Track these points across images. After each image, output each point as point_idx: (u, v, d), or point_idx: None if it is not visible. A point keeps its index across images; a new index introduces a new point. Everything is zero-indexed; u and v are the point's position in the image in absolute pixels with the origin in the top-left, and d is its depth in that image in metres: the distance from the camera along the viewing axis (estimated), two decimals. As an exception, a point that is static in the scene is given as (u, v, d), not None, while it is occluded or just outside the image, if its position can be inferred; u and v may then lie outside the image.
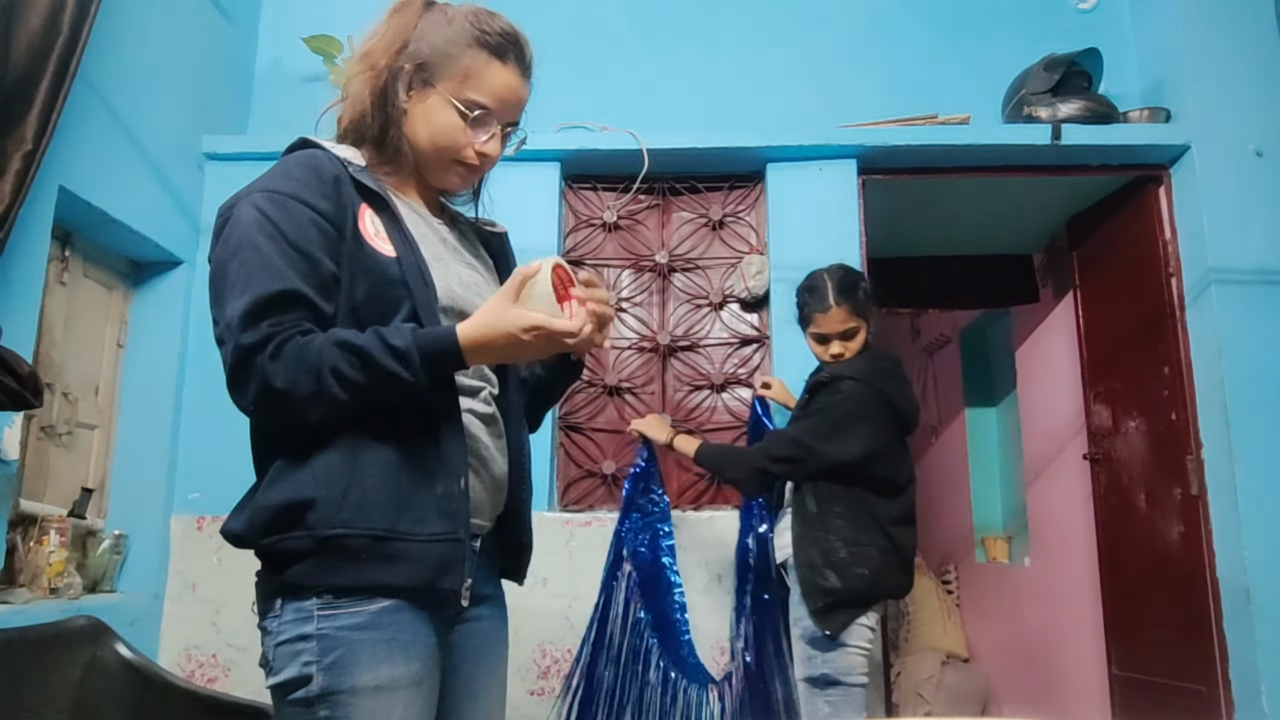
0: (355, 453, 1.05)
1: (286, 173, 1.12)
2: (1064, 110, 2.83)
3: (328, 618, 1.04)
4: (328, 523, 1.03)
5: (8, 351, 1.87)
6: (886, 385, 2.10)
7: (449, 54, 1.17)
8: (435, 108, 1.17)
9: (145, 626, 2.56)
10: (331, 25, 3.03)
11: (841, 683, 1.97)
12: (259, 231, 1.06)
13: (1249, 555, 2.56)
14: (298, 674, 1.04)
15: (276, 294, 1.02)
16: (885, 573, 2.04)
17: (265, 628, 1.08)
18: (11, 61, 1.95)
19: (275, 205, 1.08)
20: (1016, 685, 4.16)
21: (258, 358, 1.00)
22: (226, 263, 1.06)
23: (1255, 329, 2.69)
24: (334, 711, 1.03)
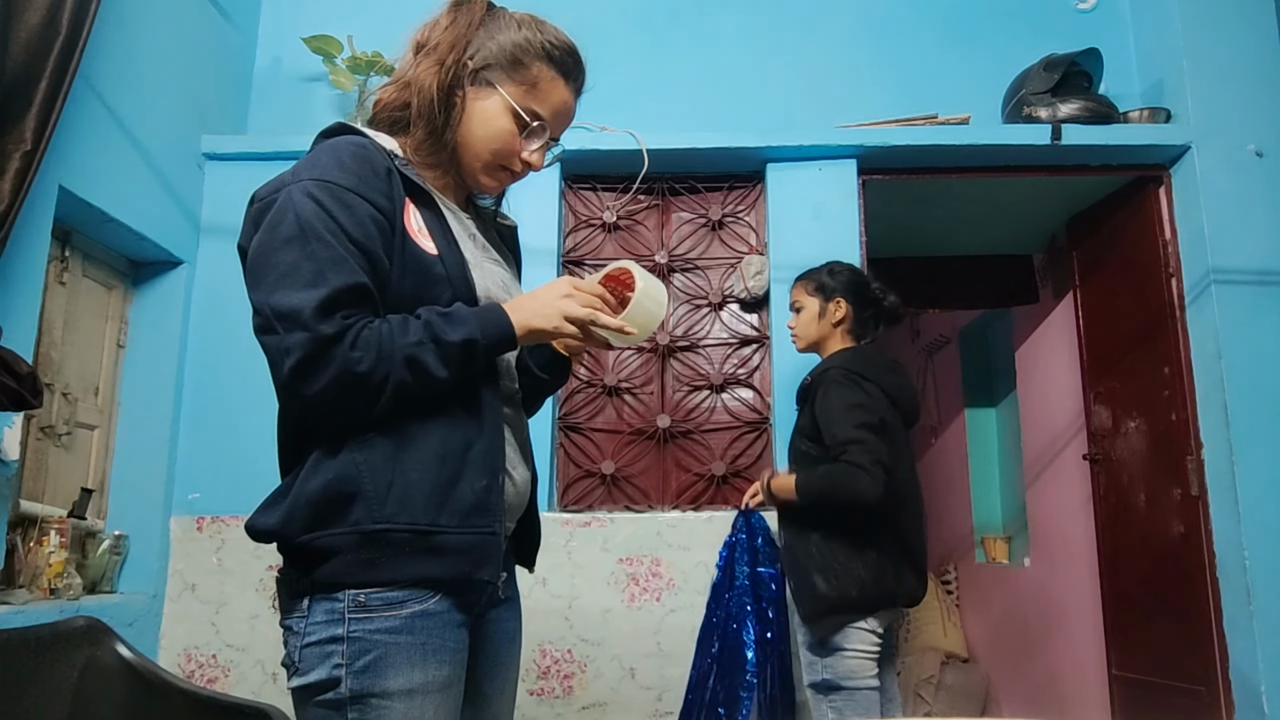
0: (399, 447, 1.05)
1: (340, 162, 1.07)
2: (1064, 110, 2.83)
3: (360, 620, 1.02)
4: (373, 517, 1.02)
5: (7, 351, 1.86)
6: (877, 375, 2.04)
7: (518, 60, 1.18)
8: (495, 110, 1.17)
9: (145, 627, 2.56)
10: (331, 25, 3.03)
11: (844, 687, 1.94)
12: (320, 224, 1.02)
13: (1249, 555, 2.56)
14: (327, 676, 1.02)
15: (349, 288, 1.01)
16: (886, 579, 1.97)
17: (290, 627, 1.07)
18: (10, 61, 1.95)
19: (334, 198, 1.04)
20: (1016, 685, 4.16)
21: (336, 348, 0.99)
22: (277, 250, 1.02)
23: (1255, 329, 2.69)
24: (363, 714, 1.01)
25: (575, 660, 2.64)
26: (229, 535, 2.71)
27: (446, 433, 1.07)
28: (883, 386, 2.03)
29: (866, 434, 1.93)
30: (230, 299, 2.84)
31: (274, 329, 1.01)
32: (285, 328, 1.00)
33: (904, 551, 2.00)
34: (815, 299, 2.18)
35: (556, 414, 2.88)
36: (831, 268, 2.20)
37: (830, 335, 2.16)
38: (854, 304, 2.15)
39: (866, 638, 1.96)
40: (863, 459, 1.90)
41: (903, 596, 2.01)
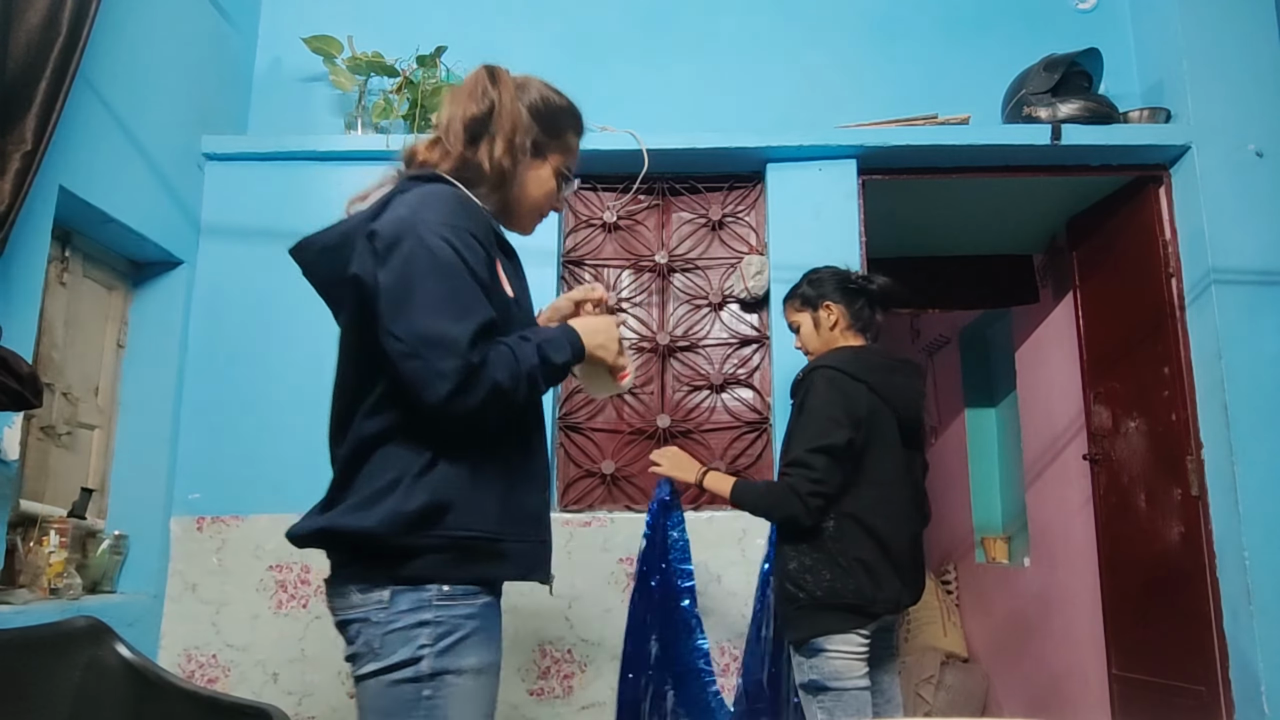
0: (476, 467, 1.23)
1: (457, 209, 1.25)
2: (1064, 110, 2.83)
3: (444, 607, 1.19)
4: (460, 525, 1.20)
5: (8, 351, 1.87)
6: (869, 374, 2.01)
7: (560, 133, 1.46)
8: (546, 175, 1.44)
9: (145, 627, 2.56)
10: (331, 25, 3.03)
11: (831, 688, 1.91)
12: (456, 263, 1.19)
13: (1249, 555, 2.56)
14: (410, 655, 1.17)
15: (488, 321, 1.19)
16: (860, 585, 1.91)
17: (367, 618, 1.20)
18: (11, 61, 1.95)
19: (462, 241, 1.21)
20: (1016, 685, 4.16)
21: (484, 372, 1.16)
22: (420, 284, 1.17)
23: (1255, 329, 2.69)
24: (437, 691, 1.17)
25: (575, 660, 2.64)
26: (229, 535, 2.71)
27: (509, 455, 1.28)
28: (873, 386, 2.00)
29: (817, 459, 1.91)
30: (230, 299, 2.85)
31: (420, 355, 1.15)
32: (438, 355, 1.14)
33: (885, 556, 1.94)
34: (805, 313, 2.17)
35: (556, 414, 2.88)
36: (808, 277, 2.19)
37: (833, 339, 2.14)
38: (842, 301, 2.14)
39: (849, 639, 1.92)
40: (802, 487, 1.90)
41: (881, 603, 1.92)
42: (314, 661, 2.64)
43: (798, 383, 2.08)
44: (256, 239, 2.89)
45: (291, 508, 2.77)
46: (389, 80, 2.99)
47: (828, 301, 2.13)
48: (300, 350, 2.79)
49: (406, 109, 2.93)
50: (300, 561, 2.68)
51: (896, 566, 1.96)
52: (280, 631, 2.66)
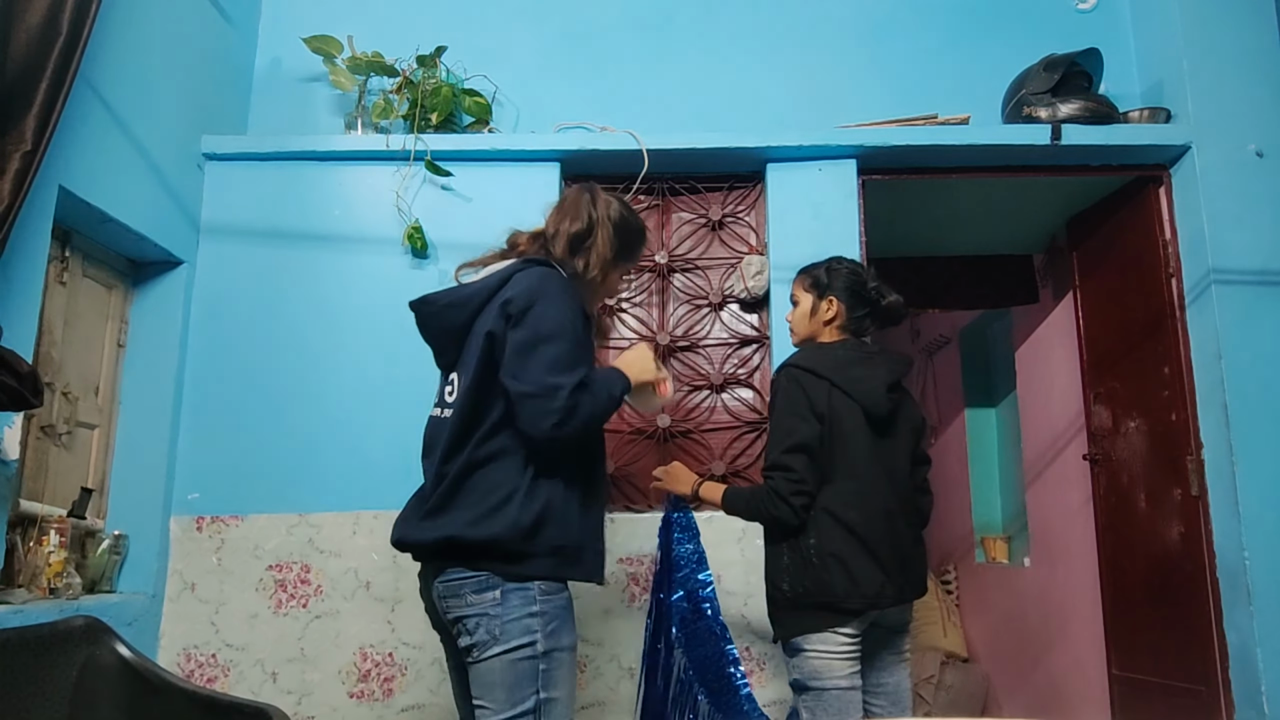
0: (566, 487, 1.61)
1: (567, 289, 1.66)
2: (1064, 110, 2.83)
3: (546, 601, 1.57)
4: (557, 535, 1.58)
5: (7, 351, 1.87)
6: (831, 370, 2.00)
7: (634, 248, 1.85)
8: (616, 280, 1.86)
9: (144, 627, 2.56)
10: (331, 25, 3.03)
11: (811, 688, 1.90)
12: (571, 330, 1.59)
13: (1249, 555, 2.56)
14: (528, 640, 1.54)
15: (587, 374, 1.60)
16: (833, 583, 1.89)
17: (487, 612, 1.54)
18: (11, 61, 1.95)
19: (574, 312, 1.62)
20: (1016, 685, 4.16)
21: (580, 408, 1.55)
22: (543, 344, 1.56)
23: (1255, 329, 2.69)
24: (549, 664, 1.55)
25: (575, 660, 2.64)
26: (229, 535, 2.71)
27: (585, 478, 1.65)
28: (835, 382, 1.99)
29: (793, 458, 1.93)
30: (230, 299, 2.85)
31: (540, 397, 1.52)
32: (550, 398, 1.52)
33: (862, 548, 1.92)
34: (810, 295, 2.16)
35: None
36: (830, 265, 2.18)
37: (821, 332, 2.14)
38: (847, 303, 2.13)
39: (827, 639, 1.90)
40: (784, 489, 1.92)
41: (857, 599, 1.89)
42: (313, 661, 2.64)
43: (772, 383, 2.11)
44: (256, 239, 2.89)
45: (291, 507, 2.80)
46: (389, 80, 2.99)
47: (833, 296, 2.12)
48: (300, 350, 2.79)
49: (406, 109, 2.94)
50: (300, 561, 2.69)
51: (876, 559, 1.93)
52: (279, 631, 2.66)
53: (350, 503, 2.72)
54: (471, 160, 2.92)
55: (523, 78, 3.12)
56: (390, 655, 2.64)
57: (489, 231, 2.88)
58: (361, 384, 2.78)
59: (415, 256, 2.88)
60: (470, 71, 3.03)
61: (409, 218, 2.87)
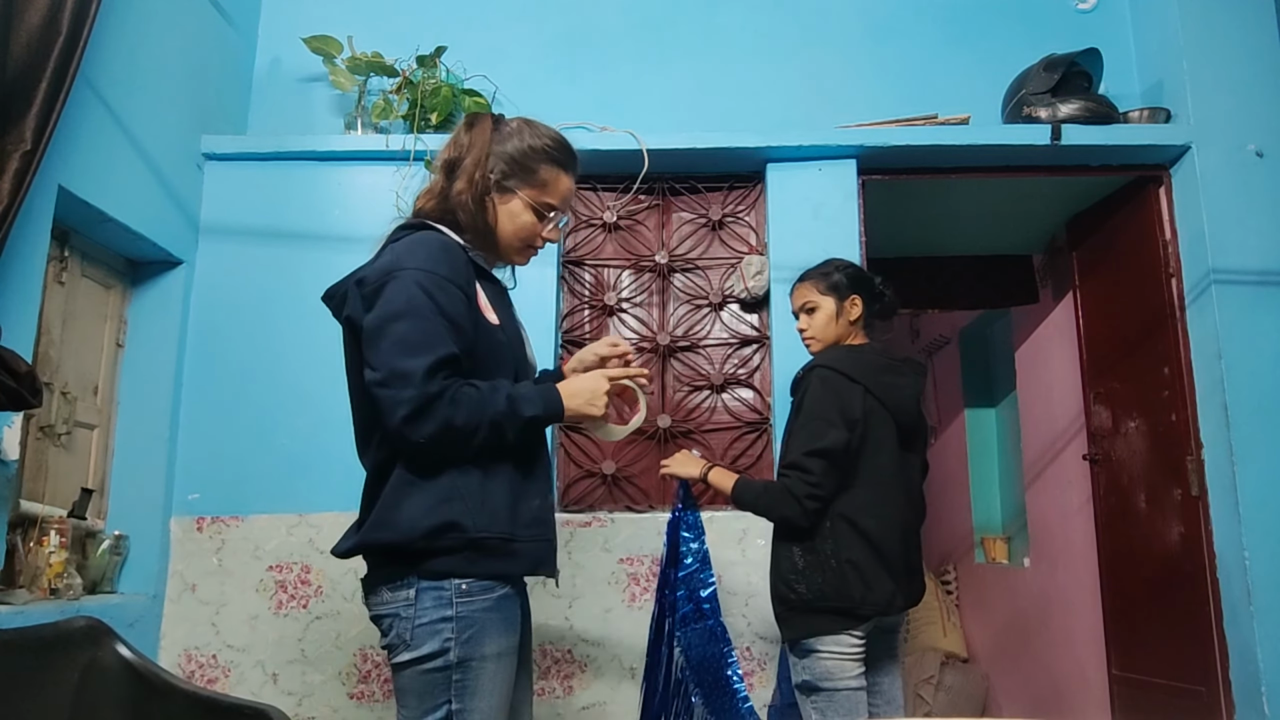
0: (484, 474, 1.40)
1: (434, 256, 1.41)
2: (1064, 110, 2.83)
3: (465, 603, 1.36)
4: (474, 528, 1.37)
5: (6, 351, 1.86)
6: (866, 376, 1.99)
7: (529, 167, 1.54)
8: (518, 209, 1.54)
9: (145, 627, 2.56)
10: (331, 25, 3.03)
11: (822, 689, 1.91)
12: (425, 305, 1.35)
13: (1249, 555, 2.56)
14: (438, 648, 1.35)
15: (448, 356, 1.34)
16: (849, 587, 1.89)
17: (398, 613, 1.37)
18: (11, 61, 1.94)
19: (435, 285, 1.37)
20: (1016, 685, 4.16)
21: (438, 404, 1.31)
22: (392, 323, 1.34)
23: (1255, 329, 2.69)
24: (465, 675, 1.35)
25: (575, 660, 2.64)
26: (229, 535, 2.70)
27: (514, 464, 1.44)
28: (869, 387, 1.98)
29: (814, 462, 1.90)
30: (229, 299, 2.85)
31: (389, 385, 1.31)
32: (399, 385, 1.31)
33: (877, 557, 1.93)
34: (830, 298, 2.11)
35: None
36: (837, 264, 2.16)
37: (847, 335, 2.11)
38: (865, 300, 2.12)
39: (841, 640, 1.91)
40: (799, 490, 1.90)
41: (870, 605, 1.90)
42: (313, 662, 2.64)
43: (797, 381, 2.08)
44: (256, 239, 2.89)
45: (291, 508, 2.80)
46: (389, 80, 2.99)
47: (855, 295, 2.11)
48: (299, 350, 2.79)
49: (406, 109, 2.93)
50: (300, 562, 2.68)
51: (889, 568, 1.94)
52: (280, 632, 2.65)
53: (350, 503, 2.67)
54: (471, 160, 2.91)
55: (523, 78, 3.12)
56: (390, 656, 2.64)
57: (489, 231, 2.90)
58: (361, 384, 2.77)
59: (415, 257, 2.87)
60: (470, 71, 3.03)
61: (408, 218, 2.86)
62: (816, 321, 2.12)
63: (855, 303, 2.10)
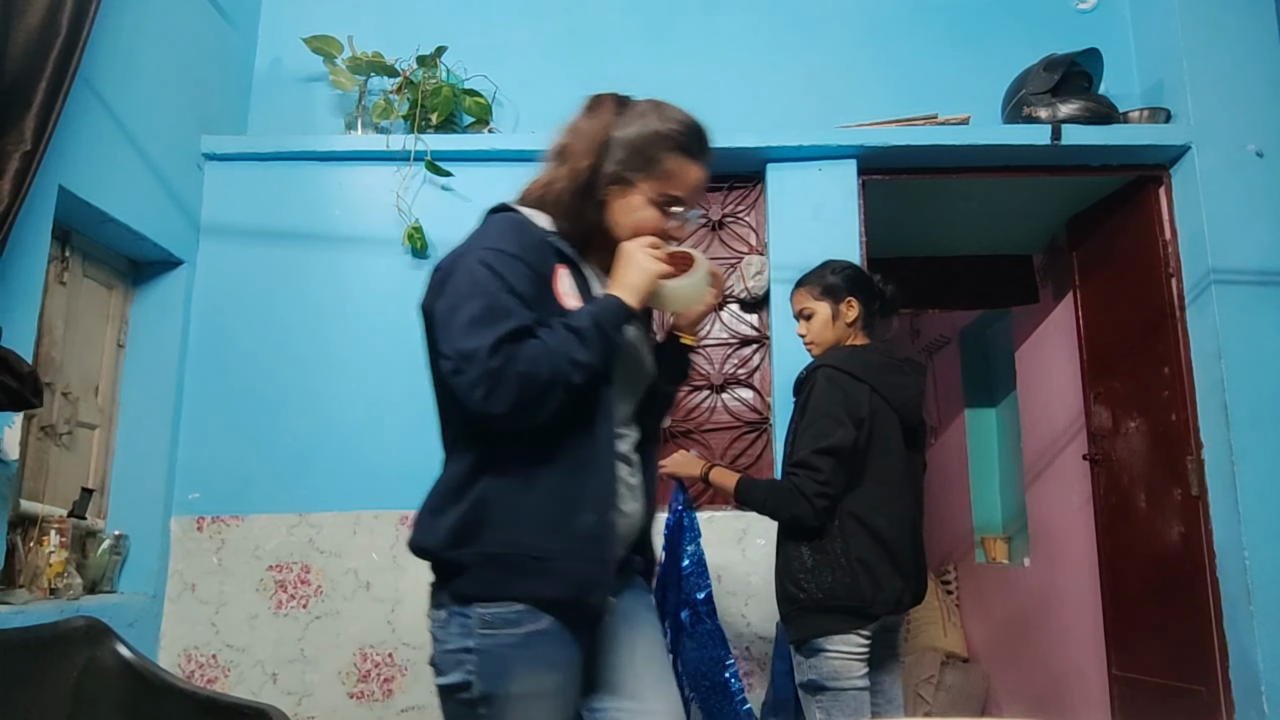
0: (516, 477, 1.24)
1: (502, 233, 1.30)
2: (1064, 110, 2.83)
3: (487, 635, 1.22)
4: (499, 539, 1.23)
5: (7, 351, 1.86)
6: (871, 375, 1.99)
7: (652, 157, 1.38)
8: (637, 204, 1.36)
9: (145, 627, 2.56)
10: (331, 25, 3.03)
11: (829, 688, 1.90)
12: (490, 283, 1.23)
13: (1249, 555, 2.56)
14: (460, 679, 1.22)
15: (517, 328, 1.20)
16: (858, 586, 1.89)
17: (434, 635, 1.27)
18: (10, 61, 1.95)
19: (499, 261, 1.25)
20: (1016, 685, 4.16)
21: (507, 370, 1.17)
22: (459, 308, 1.22)
23: (1255, 329, 2.69)
24: (491, 711, 1.21)
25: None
26: (229, 535, 2.71)
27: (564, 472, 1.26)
28: (875, 386, 1.99)
29: (823, 460, 1.90)
30: (230, 299, 2.85)
31: (460, 370, 1.19)
32: (469, 367, 1.18)
33: (887, 555, 1.93)
34: (825, 302, 2.12)
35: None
36: (833, 267, 2.16)
37: (846, 336, 2.11)
38: (862, 300, 2.13)
39: (849, 640, 1.91)
40: (808, 488, 1.90)
41: (881, 604, 1.90)
42: (313, 662, 2.64)
43: (801, 381, 2.08)
44: (256, 239, 2.89)
45: (291, 508, 2.80)
46: (389, 80, 2.99)
47: (851, 297, 2.11)
48: (300, 350, 2.79)
49: (406, 109, 2.93)
50: (300, 562, 2.68)
51: (898, 567, 1.95)
52: (280, 632, 2.66)
53: (350, 503, 2.72)
54: (472, 160, 2.91)
55: (523, 78, 3.12)
56: (390, 656, 2.64)
57: (489, 231, 2.90)
58: (362, 384, 2.77)
59: (415, 257, 2.88)
60: (470, 71, 3.03)
61: (409, 218, 2.87)
62: (814, 327, 2.13)
63: (851, 304, 2.10)
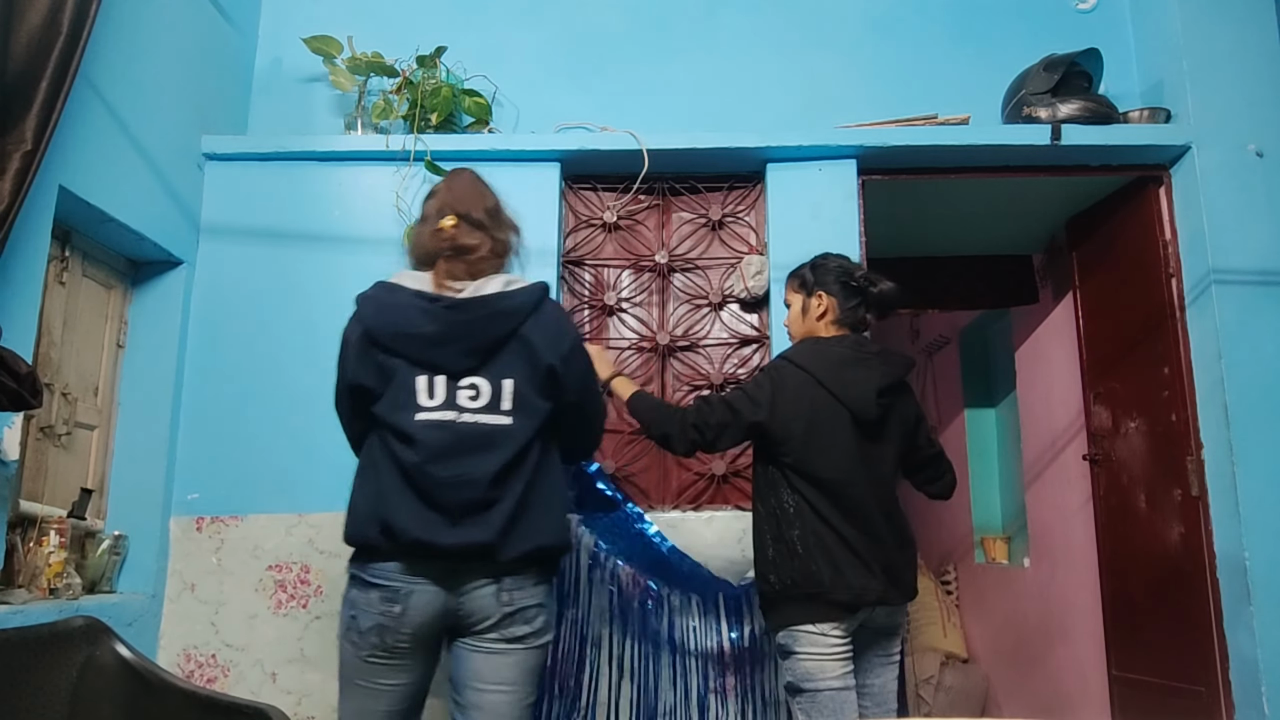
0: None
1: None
2: (1064, 110, 2.83)
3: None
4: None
5: (7, 351, 1.86)
6: (819, 368, 2.02)
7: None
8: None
9: (144, 627, 2.56)
10: (331, 25, 3.03)
11: (805, 689, 1.91)
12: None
13: (1249, 555, 2.56)
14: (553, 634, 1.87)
15: None
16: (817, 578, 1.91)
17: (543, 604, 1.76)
18: (11, 61, 1.95)
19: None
20: (1016, 686, 4.15)
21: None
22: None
23: (1255, 329, 2.69)
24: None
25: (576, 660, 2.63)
26: (228, 535, 2.70)
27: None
28: (822, 381, 2.00)
29: (719, 406, 2.04)
30: (229, 299, 2.85)
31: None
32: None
33: (842, 544, 1.94)
34: (799, 295, 2.19)
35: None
36: (815, 262, 2.20)
37: (816, 329, 2.14)
38: (839, 295, 2.13)
39: (816, 640, 1.91)
40: (690, 416, 2.06)
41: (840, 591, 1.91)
42: (313, 661, 2.64)
43: None
44: (256, 239, 2.89)
45: (291, 508, 2.80)
46: (389, 80, 2.99)
47: (821, 291, 2.14)
48: (299, 350, 2.78)
49: (406, 109, 2.93)
50: (300, 562, 2.68)
51: (858, 556, 1.95)
52: (279, 631, 2.65)
53: (349, 503, 2.71)
54: (471, 160, 2.90)
55: (523, 78, 3.12)
56: (390, 655, 2.64)
57: (489, 231, 2.89)
58: (361, 384, 2.77)
59: (415, 256, 2.87)
60: (470, 71, 3.03)
61: (409, 218, 2.86)
62: (789, 318, 2.23)
63: (821, 299, 2.14)
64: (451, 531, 1.64)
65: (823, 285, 2.14)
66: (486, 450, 1.65)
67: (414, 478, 1.66)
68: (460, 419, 1.66)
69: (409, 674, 1.73)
